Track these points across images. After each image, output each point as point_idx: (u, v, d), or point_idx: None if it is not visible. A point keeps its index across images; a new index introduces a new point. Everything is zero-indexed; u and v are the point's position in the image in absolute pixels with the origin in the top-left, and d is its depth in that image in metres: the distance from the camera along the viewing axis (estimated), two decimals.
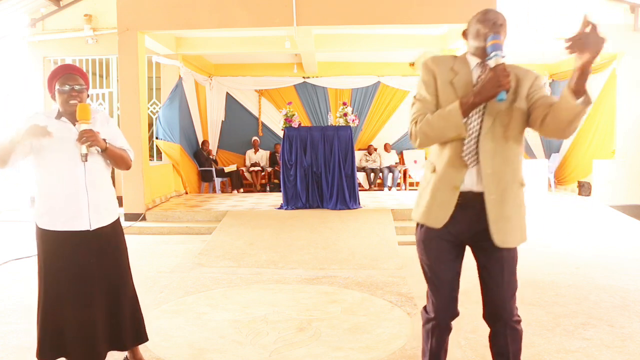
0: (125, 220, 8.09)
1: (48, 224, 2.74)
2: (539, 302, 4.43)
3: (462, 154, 2.23)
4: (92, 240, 2.78)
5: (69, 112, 2.78)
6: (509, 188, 2.28)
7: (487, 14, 2.27)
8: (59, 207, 2.72)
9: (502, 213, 2.25)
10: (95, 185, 2.80)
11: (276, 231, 7.09)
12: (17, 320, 4.02)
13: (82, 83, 2.80)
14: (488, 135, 2.23)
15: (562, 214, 8.99)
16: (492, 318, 2.42)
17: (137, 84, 8.20)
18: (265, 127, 13.59)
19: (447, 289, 2.43)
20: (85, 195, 2.75)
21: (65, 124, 2.78)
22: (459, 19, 7.91)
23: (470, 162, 2.23)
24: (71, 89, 2.75)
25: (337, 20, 7.81)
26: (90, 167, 2.78)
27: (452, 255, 2.40)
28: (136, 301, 3.05)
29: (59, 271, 2.73)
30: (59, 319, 2.74)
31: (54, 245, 2.74)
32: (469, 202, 2.26)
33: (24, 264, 5.78)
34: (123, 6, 8.08)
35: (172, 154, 10.26)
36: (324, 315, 4.11)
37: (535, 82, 2.29)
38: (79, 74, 2.82)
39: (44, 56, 10.07)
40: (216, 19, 7.91)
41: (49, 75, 2.84)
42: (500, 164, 2.26)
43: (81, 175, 2.75)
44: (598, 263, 5.83)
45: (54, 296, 2.74)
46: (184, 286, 5.00)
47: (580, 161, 11.56)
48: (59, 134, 2.70)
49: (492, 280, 2.37)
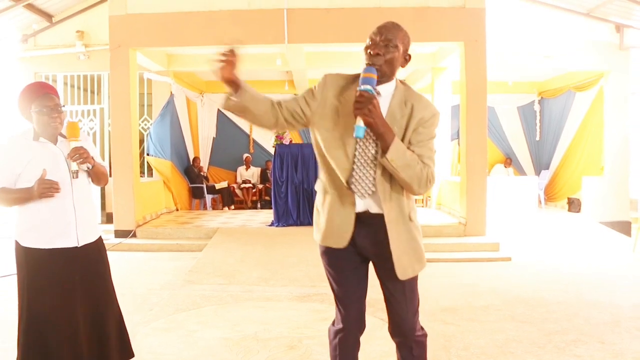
0: (115, 237, 8.02)
1: (32, 242, 2.68)
2: (530, 319, 4.43)
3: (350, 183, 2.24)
4: (78, 257, 2.74)
5: (50, 133, 2.74)
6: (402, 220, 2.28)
7: (378, 28, 2.20)
8: (45, 224, 2.68)
9: (401, 246, 2.26)
10: (81, 202, 2.79)
11: (267, 248, 7.07)
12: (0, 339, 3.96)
13: (59, 102, 2.77)
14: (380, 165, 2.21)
15: (552, 231, 9.04)
16: (396, 333, 2.43)
17: (129, 100, 8.19)
18: (256, 144, 13.62)
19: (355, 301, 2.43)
20: (72, 212, 2.74)
21: (45, 144, 2.73)
22: (449, 37, 8.02)
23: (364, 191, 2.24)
24: (52, 111, 2.71)
25: (328, 38, 7.87)
26: (77, 183, 2.77)
27: (355, 266, 2.39)
28: (121, 317, 3.00)
29: (43, 290, 2.67)
30: (43, 339, 2.67)
31: (38, 263, 2.68)
32: (368, 220, 2.27)
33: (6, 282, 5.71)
34: (115, 23, 8.10)
35: (163, 170, 10.23)
36: (315, 333, 4.08)
37: (421, 127, 2.21)
38: (54, 94, 2.78)
39: (35, 72, 10.04)
40: (208, 36, 7.94)
41: (21, 95, 2.75)
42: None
43: (68, 192, 2.73)
44: (588, 279, 5.86)
45: (37, 316, 2.67)
46: (174, 303, 4.96)
47: (569, 178, 11.65)
48: (41, 156, 2.69)
49: (393, 298, 2.38)
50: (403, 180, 2.15)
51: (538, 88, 13.18)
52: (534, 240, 8.24)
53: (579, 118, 11.48)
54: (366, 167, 2.20)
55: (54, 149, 2.75)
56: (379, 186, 2.20)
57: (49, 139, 2.76)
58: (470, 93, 7.94)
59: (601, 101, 10.45)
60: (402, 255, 2.25)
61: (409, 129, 2.19)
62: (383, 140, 2.10)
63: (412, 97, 2.24)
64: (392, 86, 2.24)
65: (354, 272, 2.39)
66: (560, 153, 12.25)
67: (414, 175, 2.14)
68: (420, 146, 2.19)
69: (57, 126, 2.74)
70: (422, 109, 2.21)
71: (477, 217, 7.87)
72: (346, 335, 2.42)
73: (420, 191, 2.21)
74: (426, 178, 2.17)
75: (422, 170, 2.16)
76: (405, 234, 2.27)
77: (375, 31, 2.18)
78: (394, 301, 2.37)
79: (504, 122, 13.43)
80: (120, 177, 8.19)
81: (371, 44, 2.17)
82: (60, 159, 2.74)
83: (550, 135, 12.73)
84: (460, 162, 8.80)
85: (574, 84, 11.49)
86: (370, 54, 2.16)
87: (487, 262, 6.77)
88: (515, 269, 6.41)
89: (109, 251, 3.10)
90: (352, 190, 2.22)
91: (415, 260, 2.31)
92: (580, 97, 11.45)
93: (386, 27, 2.18)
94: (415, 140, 2.20)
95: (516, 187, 10.25)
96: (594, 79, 10.68)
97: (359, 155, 2.20)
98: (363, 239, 2.29)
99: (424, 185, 2.18)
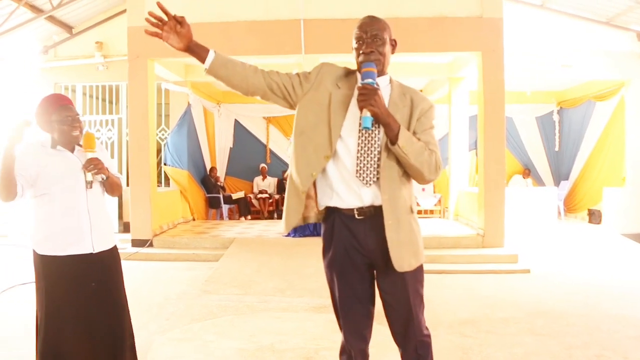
0: (132, 246, 8.06)
1: (49, 250, 2.74)
2: (550, 332, 4.35)
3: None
4: (93, 263, 2.80)
5: (69, 141, 2.84)
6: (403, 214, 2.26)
7: (359, 27, 2.29)
8: (61, 232, 2.74)
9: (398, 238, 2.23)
10: (96, 211, 2.85)
11: (283, 259, 7.05)
12: (21, 345, 3.98)
13: (77, 112, 2.88)
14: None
15: (572, 242, 8.90)
16: (399, 338, 2.39)
17: (146, 111, 8.26)
18: (273, 154, 13.64)
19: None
20: (87, 220, 2.80)
21: (62, 152, 2.83)
22: (466, 47, 7.98)
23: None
24: (73, 121, 2.82)
25: (344, 48, 7.76)
26: (91, 192, 2.84)
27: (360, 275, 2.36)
28: (131, 325, 3.05)
29: (60, 297, 2.73)
30: (60, 345, 2.72)
31: (56, 271, 2.73)
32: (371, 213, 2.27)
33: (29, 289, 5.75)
34: (133, 34, 8.19)
35: (179, 180, 10.28)
36: (332, 344, 4.03)
37: (423, 117, 2.29)
38: (71, 104, 2.90)
39: (55, 82, 10.21)
40: (226, 47, 7.97)
41: (41, 106, 2.85)
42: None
43: (83, 201, 2.80)
44: (610, 292, 5.74)
45: (55, 322, 2.72)
46: (191, 313, 4.96)
47: (590, 189, 11.49)
48: (58, 162, 2.78)
49: (392, 298, 2.34)
50: (413, 167, 2.19)
51: (557, 98, 13.05)
52: (553, 252, 8.12)
53: (599, 128, 11.34)
54: (370, 155, 2.22)
55: (71, 156, 2.83)
56: (383, 172, 2.21)
57: (66, 147, 2.84)
58: (488, 103, 7.87)
59: (622, 110, 10.31)
60: (399, 246, 2.22)
61: (412, 118, 2.27)
62: (390, 129, 2.15)
63: (408, 90, 2.36)
64: (386, 79, 2.35)
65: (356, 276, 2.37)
66: (580, 163, 12.10)
67: (424, 161, 2.20)
68: (425, 134, 2.27)
69: (78, 135, 2.85)
70: (421, 101, 2.31)
71: (495, 229, 7.78)
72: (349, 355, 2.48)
73: (431, 177, 2.25)
74: (435, 164, 2.24)
75: (430, 156, 2.22)
76: (406, 225, 2.25)
77: (360, 30, 2.28)
78: (394, 302, 2.33)
79: (522, 133, 13.32)
80: (137, 187, 8.24)
81: (361, 43, 2.26)
82: (76, 167, 2.81)
83: (570, 145, 12.58)
84: (478, 172, 8.72)
85: (594, 94, 11.36)
86: (364, 53, 2.24)
87: (505, 274, 6.67)
88: (535, 281, 6.31)
89: (126, 260, 3.14)
90: (357, 177, 2.22)
91: (412, 254, 2.26)
92: (600, 107, 11.31)
93: (368, 24, 2.28)
94: (419, 130, 2.27)
95: (535, 198, 10.13)
96: (614, 88, 10.54)
97: (362, 143, 2.23)
98: (367, 238, 2.27)
99: (433, 171, 2.23)
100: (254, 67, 2.27)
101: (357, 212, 2.25)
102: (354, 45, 2.29)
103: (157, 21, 2.14)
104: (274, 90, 2.28)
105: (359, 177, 2.21)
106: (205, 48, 2.19)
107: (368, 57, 2.23)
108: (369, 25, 2.27)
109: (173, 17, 2.13)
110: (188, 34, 2.16)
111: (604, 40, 9.77)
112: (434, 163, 2.22)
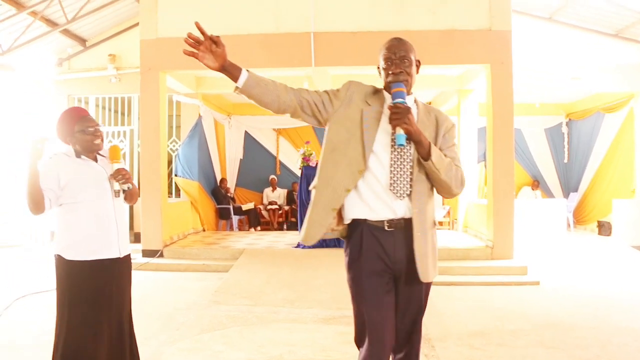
0: (143, 256, 8.11)
1: (78, 255, 2.82)
2: (560, 345, 4.34)
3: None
4: (115, 267, 2.92)
5: (92, 150, 2.95)
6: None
7: (388, 48, 2.39)
8: (91, 238, 2.85)
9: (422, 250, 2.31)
10: (121, 218, 3.00)
11: (293, 270, 7.08)
12: (33, 356, 4.03)
13: (97, 122, 3.00)
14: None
15: (582, 254, 8.86)
16: (401, 346, 2.42)
17: (158, 122, 8.35)
18: (283, 166, 13.70)
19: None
20: (115, 227, 2.93)
21: (87, 161, 2.94)
22: (475, 59, 8.01)
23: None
24: (95, 130, 2.94)
25: (354, 61, 7.91)
26: (117, 201, 2.98)
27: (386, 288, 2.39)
28: (134, 333, 3.14)
29: (84, 302, 2.81)
30: (82, 350, 2.79)
31: (81, 275, 2.82)
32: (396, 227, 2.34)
33: (42, 298, 5.82)
34: (146, 46, 8.30)
35: (190, 191, 10.35)
36: (341, 355, 4.06)
37: (447, 134, 2.42)
38: (90, 116, 3.02)
39: (68, 94, 10.34)
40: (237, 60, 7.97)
41: (62, 119, 2.95)
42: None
43: (111, 208, 2.93)
44: (620, 305, 5.71)
45: (78, 327, 2.79)
46: (200, 324, 4.99)
47: (599, 200, 11.44)
48: (85, 171, 2.89)
49: (411, 306, 2.40)
50: (443, 182, 2.30)
51: (566, 110, 13.04)
52: (563, 264, 8.09)
53: (608, 139, 11.32)
54: (403, 170, 2.30)
55: (95, 166, 2.95)
56: (414, 186, 2.29)
57: (89, 157, 2.95)
58: (497, 115, 7.89)
59: (631, 122, 10.29)
60: (425, 257, 2.30)
61: (438, 135, 2.40)
62: (422, 147, 2.25)
63: (432, 109, 2.49)
64: (412, 99, 2.42)
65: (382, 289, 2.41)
66: (590, 175, 12.06)
67: (452, 176, 2.31)
68: (450, 151, 2.41)
69: (100, 145, 2.97)
70: (444, 120, 2.45)
71: (504, 241, 7.77)
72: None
73: (457, 192, 2.37)
74: (461, 179, 2.37)
75: (457, 172, 2.34)
76: (430, 237, 2.35)
77: (388, 51, 2.38)
78: (408, 309, 2.38)
79: (531, 144, 13.30)
80: (148, 198, 8.31)
81: (390, 64, 2.36)
82: (101, 177, 2.93)
83: (579, 157, 12.55)
84: (487, 184, 8.72)
85: (603, 105, 11.35)
86: (394, 73, 2.34)
87: (515, 285, 6.66)
88: (544, 293, 6.30)
89: (137, 270, 3.22)
90: (391, 190, 2.29)
91: (433, 265, 2.37)
92: (609, 119, 11.29)
93: (396, 46, 2.38)
94: (444, 147, 2.39)
95: (544, 210, 10.10)
96: (623, 100, 10.54)
97: (394, 158, 2.30)
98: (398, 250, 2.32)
99: (460, 186, 2.36)
100: (284, 85, 2.33)
101: (387, 224, 2.31)
102: (382, 65, 2.39)
103: (194, 42, 2.21)
104: (304, 108, 2.36)
105: (392, 190, 2.28)
106: (238, 67, 2.28)
107: (397, 78, 2.33)
108: (397, 47, 2.37)
109: (209, 37, 2.21)
110: (223, 53, 2.25)
111: (612, 53, 9.78)
112: (460, 178, 2.36)
